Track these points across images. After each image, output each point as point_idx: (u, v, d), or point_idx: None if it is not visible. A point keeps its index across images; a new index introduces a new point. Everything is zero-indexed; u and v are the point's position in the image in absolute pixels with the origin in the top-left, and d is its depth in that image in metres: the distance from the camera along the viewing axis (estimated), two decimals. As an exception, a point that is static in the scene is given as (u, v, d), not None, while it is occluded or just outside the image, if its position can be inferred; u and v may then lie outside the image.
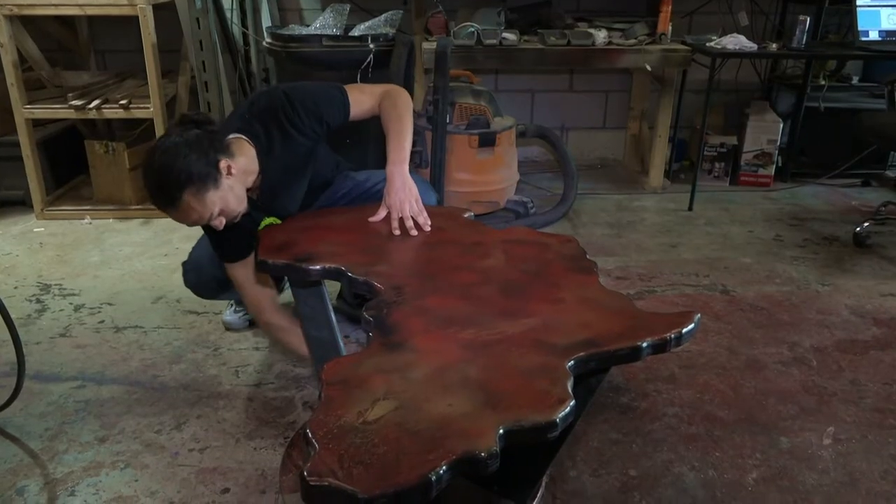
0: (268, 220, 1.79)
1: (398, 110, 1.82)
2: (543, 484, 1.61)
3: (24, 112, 3.01)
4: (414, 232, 1.69)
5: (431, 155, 2.92)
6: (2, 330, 1.75)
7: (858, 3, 3.41)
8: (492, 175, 3.11)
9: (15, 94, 2.98)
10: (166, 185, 1.57)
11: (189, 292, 2.13)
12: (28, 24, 3.12)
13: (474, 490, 1.56)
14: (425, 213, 1.73)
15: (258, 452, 1.75)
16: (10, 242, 2.98)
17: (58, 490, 1.64)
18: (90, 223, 3.19)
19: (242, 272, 1.85)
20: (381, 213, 1.75)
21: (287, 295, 2.47)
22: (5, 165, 3.24)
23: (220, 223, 1.66)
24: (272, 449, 1.76)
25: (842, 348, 2.24)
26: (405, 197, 1.72)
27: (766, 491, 1.65)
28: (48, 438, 1.80)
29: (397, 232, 1.69)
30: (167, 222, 3.17)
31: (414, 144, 2.98)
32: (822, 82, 3.70)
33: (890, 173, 3.86)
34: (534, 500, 1.57)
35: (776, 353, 2.21)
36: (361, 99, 1.85)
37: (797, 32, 3.30)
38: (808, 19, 3.30)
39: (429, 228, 1.71)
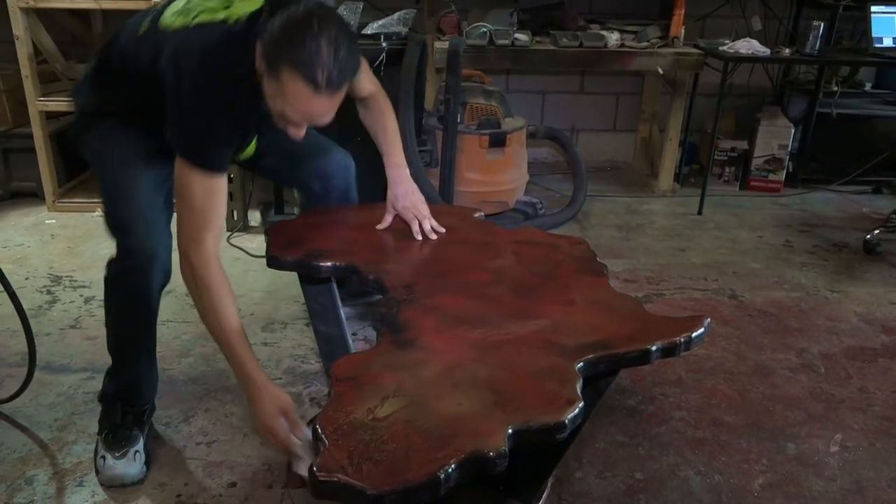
0: (252, 148, 1.64)
1: (392, 111, 1.79)
2: (549, 485, 1.61)
3: (37, 104, 3.03)
4: (433, 235, 1.69)
5: (442, 154, 2.92)
6: (14, 320, 1.76)
7: (873, 9, 3.40)
8: (502, 175, 3.11)
9: (29, 86, 3.00)
10: (346, 69, 1.39)
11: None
12: (43, 17, 3.13)
13: (479, 488, 1.57)
14: (431, 217, 1.74)
15: (265, 447, 1.76)
16: (21, 234, 3.00)
17: (66, 480, 1.65)
18: (101, 216, 3.20)
19: (222, 184, 1.49)
20: (388, 220, 1.74)
21: (290, 291, 2.48)
22: (18, 157, 3.25)
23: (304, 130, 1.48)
24: (279, 444, 1.77)
25: (850, 355, 2.23)
26: (415, 200, 1.73)
27: (773, 497, 1.65)
28: (57, 429, 1.82)
29: (419, 237, 1.69)
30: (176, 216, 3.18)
31: (424, 144, 3.02)
32: (835, 88, 3.69)
33: (901, 181, 3.84)
34: (539, 500, 1.57)
35: (784, 358, 2.20)
36: (364, 77, 1.74)
37: (810, 38, 3.29)
38: (822, 25, 3.29)
39: (442, 231, 1.71)
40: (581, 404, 1.08)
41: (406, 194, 1.72)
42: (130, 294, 1.60)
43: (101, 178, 1.63)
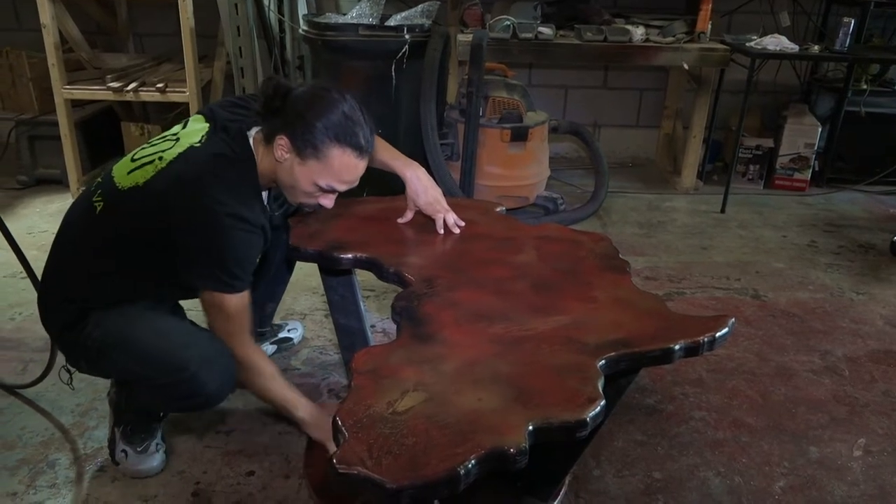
0: None
1: None
2: (567, 482, 1.61)
3: (63, 92, 3.06)
4: (456, 229, 1.68)
5: (463, 148, 2.91)
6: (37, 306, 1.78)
7: (905, 6, 3.33)
8: (523, 170, 3.09)
9: (55, 74, 3.03)
10: (371, 123, 1.50)
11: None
12: (70, 6, 3.16)
13: (496, 484, 1.56)
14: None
15: (283, 437, 1.77)
16: (46, 220, 3.03)
17: (87, 465, 1.67)
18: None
19: (247, 298, 1.50)
20: (409, 216, 1.74)
21: (310, 283, 2.49)
22: (44, 144, 3.29)
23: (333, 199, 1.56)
24: (297, 434, 1.77)
25: (875, 359, 2.20)
26: (436, 195, 1.71)
27: (794, 500, 1.62)
28: (79, 414, 1.84)
29: (442, 231, 1.68)
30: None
31: (446, 137, 3.01)
32: (864, 86, 3.62)
33: (930, 182, 3.76)
34: (556, 498, 1.57)
35: (807, 360, 2.17)
36: None
37: (840, 34, 3.23)
38: (852, 21, 3.23)
39: (462, 224, 1.71)
40: (602, 402, 1.07)
41: (426, 190, 1.71)
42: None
43: (130, 352, 1.49)
